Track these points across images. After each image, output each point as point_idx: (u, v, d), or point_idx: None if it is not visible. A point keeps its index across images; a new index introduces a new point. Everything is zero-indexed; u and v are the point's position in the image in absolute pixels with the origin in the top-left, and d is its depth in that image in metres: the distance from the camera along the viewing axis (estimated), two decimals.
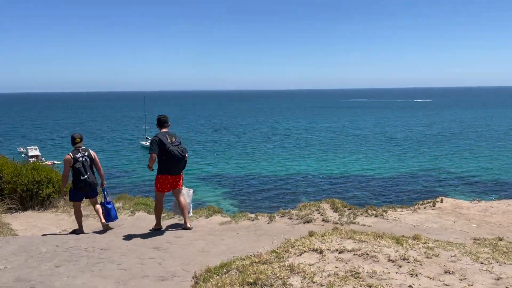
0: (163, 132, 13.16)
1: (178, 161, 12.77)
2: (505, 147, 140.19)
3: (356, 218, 14.75)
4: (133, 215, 16.59)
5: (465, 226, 15.22)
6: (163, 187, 13.13)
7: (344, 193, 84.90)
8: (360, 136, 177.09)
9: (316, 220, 14.64)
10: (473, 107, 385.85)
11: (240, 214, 16.50)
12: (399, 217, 15.09)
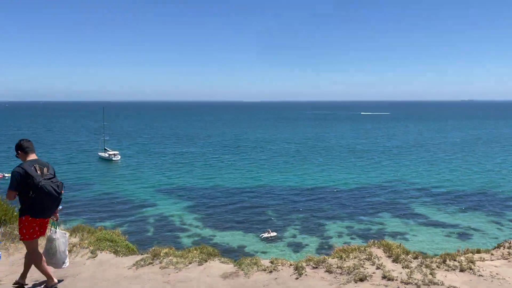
0: (30, 161, 9.44)
1: (51, 200, 9.41)
2: (462, 159, 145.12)
3: (436, 275, 9.93)
4: (94, 257, 12.07)
5: None
6: (31, 233, 9.40)
7: (310, 205, 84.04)
8: (325, 148, 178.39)
9: (372, 276, 9.87)
10: (431, 119, 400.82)
11: (249, 261, 12.08)
12: (497, 271, 10.26)
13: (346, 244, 49.58)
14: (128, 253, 12.71)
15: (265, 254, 58.78)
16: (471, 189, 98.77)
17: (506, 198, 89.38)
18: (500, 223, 72.47)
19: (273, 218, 75.79)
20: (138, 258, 11.76)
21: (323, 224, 72.61)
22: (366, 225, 72.02)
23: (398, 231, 68.58)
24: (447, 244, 62.41)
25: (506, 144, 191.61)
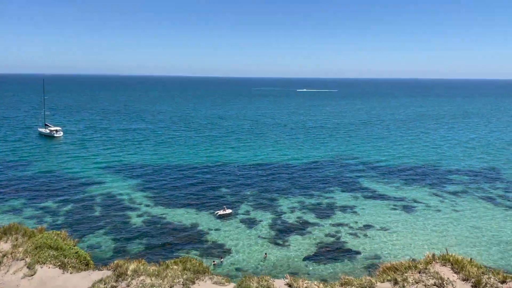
0: None
1: None
2: (407, 135, 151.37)
3: None
4: (33, 275, 8.85)
5: None
6: None
7: (263, 181, 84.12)
8: (277, 125, 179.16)
9: None
10: (379, 97, 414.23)
11: (257, 284, 8.35)
12: None
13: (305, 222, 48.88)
14: (80, 265, 9.72)
15: (219, 232, 58.30)
16: (415, 163, 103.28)
17: (447, 172, 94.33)
18: (441, 195, 76.36)
19: (226, 195, 75.11)
20: (95, 277, 8.97)
21: (275, 199, 72.99)
22: (317, 199, 73.26)
23: (347, 205, 70.35)
24: (393, 216, 64.93)
25: (448, 120, 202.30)
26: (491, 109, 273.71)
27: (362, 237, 56.80)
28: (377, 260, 49.94)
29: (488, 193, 78.05)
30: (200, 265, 9.10)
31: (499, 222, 62.76)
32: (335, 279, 45.08)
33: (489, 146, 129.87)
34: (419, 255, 51.94)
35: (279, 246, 53.71)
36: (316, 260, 49.80)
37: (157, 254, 50.54)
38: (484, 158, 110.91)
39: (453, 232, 58.82)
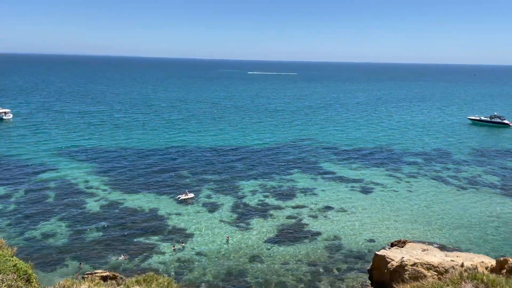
0: None
1: None
2: (364, 118, 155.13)
3: None
4: None
5: None
6: None
7: (225, 164, 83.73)
8: (238, 108, 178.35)
9: None
10: (337, 81, 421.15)
11: None
12: None
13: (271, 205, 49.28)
14: (19, 283, 7.55)
15: (180, 216, 57.61)
16: (373, 146, 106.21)
17: (402, 154, 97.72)
18: (397, 176, 79.09)
19: (187, 179, 74.22)
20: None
21: (237, 183, 72.96)
22: (278, 182, 73.89)
23: (308, 187, 71.44)
24: (352, 198, 66.61)
25: (403, 104, 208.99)
26: (446, 93, 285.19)
27: (322, 219, 57.98)
28: (337, 241, 51.27)
29: (440, 173, 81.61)
30: (169, 284, 7.70)
31: (451, 202, 65.86)
32: (297, 261, 46.05)
33: (441, 128, 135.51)
34: (377, 235, 53.83)
35: (241, 229, 53.86)
36: (277, 242, 50.37)
37: (115, 241, 49.34)
38: (437, 140, 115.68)
39: (408, 212, 61.14)
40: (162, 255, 46.48)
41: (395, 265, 34.14)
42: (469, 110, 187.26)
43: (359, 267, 44.74)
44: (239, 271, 43.60)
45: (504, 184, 75.63)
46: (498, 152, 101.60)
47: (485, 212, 61.16)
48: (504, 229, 55.16)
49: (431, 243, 48.02)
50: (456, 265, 30.51)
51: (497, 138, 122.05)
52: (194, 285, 40.58)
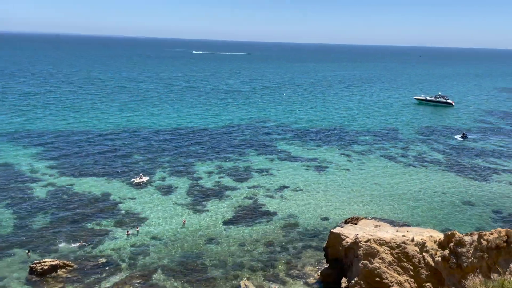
0: None
1: None
2: (319, 98, 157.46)
3: None
4: None
5: None
6: None
7: (179, 146, 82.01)
8: (192, 88, 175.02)
9: None
10: (292, 61, 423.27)
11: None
12: None
13: (217, 182, 49.04)
14: None
15: (134, 200, 56.01)
16: (326, 125, 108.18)
17: (354, 133, 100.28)
18: (349, 155, 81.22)
19: (140, 162, 72.19)
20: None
21: (192, 164, 71.92)
22: (234, 163, 73.61)
23: (263, 167, 71.74)
24: (307, 177, 67.68)
25: (355, 84, 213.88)
26: (394, 74, 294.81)
27: (278, 198, 58.54)
28: (293, 220, 52.03)
29: (389, 152, 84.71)
30: None
31: (400, 179, 68.58)
32: (254, 241, 46.29)
33: (390, 108, 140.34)
34: (331, 213, 55.16)
35: (197, 212, 53.27)
36: (235, 223, 50.33)
37: (65, 228, 47.21)
38: (386, 119, 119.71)
39: (360, 190, 63.02)
40: (115, 241, 45.10)
41: (349, 242, 35.09)
42: (415, 90, 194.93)
43: (314, 245, 45.72)
44: (196, 253, 43.21)
45: (448, 160, 79.73)
46: (442, 130, 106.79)
47: (431, 188, 64.27)
48: (449, 203, 58.29)
49: (383, 219, 49.90)
50: (407, 240, 31.86)
51: (441, 117, 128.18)
52: (149, 270, 39.78)
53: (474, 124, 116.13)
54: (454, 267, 28.05)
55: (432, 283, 30.73)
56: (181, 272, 39.72)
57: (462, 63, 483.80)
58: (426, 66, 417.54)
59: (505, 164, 78.28)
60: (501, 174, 72.10)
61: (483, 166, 76.39)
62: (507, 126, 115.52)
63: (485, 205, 57.94)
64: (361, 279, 33.19)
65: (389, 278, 32.06)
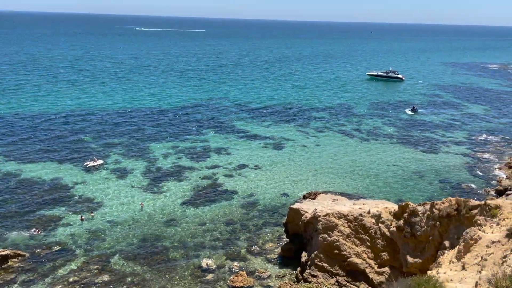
0: None
1: None
2: (275, 76, 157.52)
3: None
4: None
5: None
6: None
7: (133, 127, 79.48)
8: (146, 67, 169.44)
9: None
10: (246, 38, 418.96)
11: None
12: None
13: (175, 164, 48.11)
14: None
15: (88, 185, 53.94)
16: (283, 103, 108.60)
17: (310, 110, 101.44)
18: (306, 132, 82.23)
19: (93, 145, 69.44)
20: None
21: (147, 146, 70.12)
22: (191, 143, 72.51)
23: (222, 147, 71.20)
24: (265, 155, 67.93)
25: (310, 61, 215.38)
26: (347, 51, 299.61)
27: (238, 177, 58.45)
28: (253, 198, 52.22)
29: (344, 127, 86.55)
30: None
31: (355, 153, 70.39)
32: (214, 221, 46.10)
33: (344, 84, 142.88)
34: (290, 189, 55.79)
35: (155, 194, 52.20)
36: (194, 204, 49.82)
37: (14, 216, 44.79)
38: (341, 95, 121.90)
39: (317, 165, 64.12)
40: (70, 227, 43.41)
41: (308, 217, 35.68)
42: (368, 66, 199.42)
43: (274, 221, 46.23)
44: (155, 236, 42.47)
45: (399, 133, 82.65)
46: (393, 105, 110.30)
47: (385, 161, 66.49)
48: (401, 175, 60.64)
49: (340, 193, 51.16)
50: (364, 212, 32.80)
51: (392, 91, 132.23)
52: (107, 256, 38.71)
53: (423, 98, 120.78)
54: (408, 236, 29.21)
55: (388, 252, 31.94)
56: (140, 256, 38.97)
57: (411, 39, 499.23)
58: (377, 42, 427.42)
59: (452, 135, 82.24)
60: (449, 146, 75.76)
61: (432, 138, 79.88)
62: (454, 99, 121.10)
63: (434, 176, 60.78)
64: (320, 252, 33.95)
65: (347, 250, 32.99)
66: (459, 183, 58.30)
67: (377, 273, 32.06)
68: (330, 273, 33.40)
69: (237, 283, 34.79)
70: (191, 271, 37.07)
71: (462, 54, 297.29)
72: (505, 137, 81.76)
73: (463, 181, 59.00)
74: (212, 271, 37.13)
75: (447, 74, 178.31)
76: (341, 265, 33.23)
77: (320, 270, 33.59)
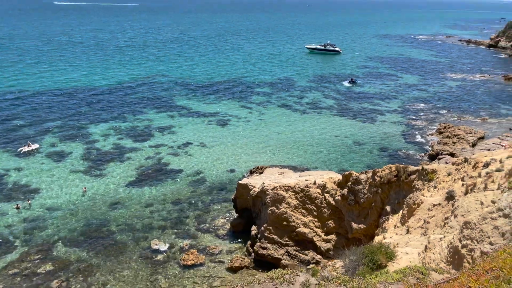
0: None
1: None
2: (214, 51, 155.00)
3: None
4: None
5: None
6: None
7: (68, 108, 75.14)
8: (77, 44, 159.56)
9: None
10: (183, 12, 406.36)
11: None
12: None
13: (115, 144, 46.37)
14: None
15: (22, 171, 50.59)
16: (225, 79, 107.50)
17: (252, 85, 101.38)
18: (250, 107, 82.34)
19: (26, 129, 64.90)
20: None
21: (85, 127, 66.79)
22: (132, 123, 70.07)
23: (164, 125, 69.52)
24: (210, 131, 67.36)
25: (250, 35, 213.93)
26: (286, 24, 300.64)
27: (183, 155, 57.56)
28: (200, 175, 51.80)
29: (287, 101, 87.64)
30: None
31: (298, 126, 71.76)
32: (161, 201, 45.30)
33: (284, 58, 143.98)
34: (236, 164, 55.98)
35: (97, 177, 50.14)
36: (139, 185, 48.55)
37: None
38: (282, 69, 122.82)
39: (263, 139, 64.69)
40: (5, 217, 40.78)
41: (257, 191, 36.10)
42: (306, 39, 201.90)
43: (223, 197, 46.33)
44: (100, 220, 41.06)
45: (339, 105, 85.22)
46: (332, 78, 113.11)
47: (326, 132, 68.48)
48: (343, 145, 62.85)
49: (286, 166, 52.15)
50: (310, 184, 33.74)
51: (330, 64, 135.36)
52: (49, 244, 36.91)
53: (360, 70, 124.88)
54: (352, 203, 30.52)
55: (334, 220, 33.26)
56: (85, 242, 37.60)
57: (346, 12, 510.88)
58: (315, 15, 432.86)
59: (387, 105, 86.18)
60: (385, 115, 79.43)
61: (370, 109, 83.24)
62: (388, 70, 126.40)
63: (374, 144, 63.67)
64: (270, 224, 34.63)
65: (296, 221, 33.93)
66: (396, 150, 61.57)
67: (324, 240, 33.38)
68: (279, 244, 34.28)
69: (189, 261, 34.75)
70: (140, 253, 36.43)
71: (394, 26, 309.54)
72: (436, 105, 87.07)
73: (400, 148, 62.39)
74: (162, 251, 36.72)
75: (381, 46, 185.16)
76: (290, 235, 34.17)
77: (270, 242, 34.35)
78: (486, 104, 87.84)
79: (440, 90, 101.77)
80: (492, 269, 5.49)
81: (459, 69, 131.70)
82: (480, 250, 9.70)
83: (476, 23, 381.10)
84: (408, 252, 12.89)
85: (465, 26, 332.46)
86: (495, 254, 6.19)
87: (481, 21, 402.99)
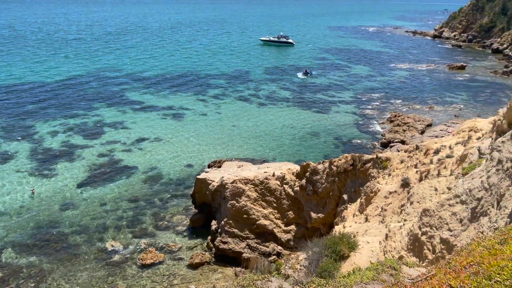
0: None
1: None
2: (169, 43, 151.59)
3: None
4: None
5: None
6: None
7: (10, 105, 70.92)
8: (21, 38, 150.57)
9: None
10: (133, 3, 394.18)
11: None
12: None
13: (66, 142, 44.51)
14: None
15: None
16: (179, 71, 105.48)
17: (207, 77, 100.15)
18: (205, 100, 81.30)
19: None
20: None
21: (31, 125, 63.25)
22: (82, 119, 67.17)
23: (116, 121, 67.19)
24: (165, 126, 65.84)
25: (204, 27, 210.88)
26: (240, 16, 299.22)
27: (137, 151, 55.88)
28: (156, 171, 50.49)
29: (242, 93, 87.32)
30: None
31: (255, 118, 71.70)
32: (116, 200, 43.74)
33: (239, 50, 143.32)
34: (194, 159, 55.08)
35: (47, 178, 47.62)
36: (92, 185, 46.59)
37: None
38: (236, 62, 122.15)
39: (219, 133, 64.06)
40: None
41: (216, 185, 35.64)
42: (260, 31, 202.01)
43: (181, 193, 45.43)
44: (51, 223, 39.07)
45: (294, 97, 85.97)
46: (287, 69, 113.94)
47: (283, 124, 68.89)
48: (299, 137, 63.47)
49: (244, 159, 51.92)
50: (269, 176, 33.72)
51: (284, 56, 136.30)
52: None
53: (313, 61, 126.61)
54: (311, 193, 30.81)
55: (293, 211, 33.49)
56: (36, 246, 35.67)
57: (298, 5, 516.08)
58: (268, 7, 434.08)
59: (341, 96, 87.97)
60: (339, 105, 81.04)
61: (324, 99, 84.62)
62: (340, 61, 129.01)
63: (328, 134, 64.79)
64: (230, 218, 34.35)
65: (256, 213, 33.85)
66: (350, 140, 62.99)
67: (284, 231, 33.57)
68: (240, 238, 34.11)
69: (147, 260, 33.84)
70: (96, 254, 35.04)
71: (345, 17, 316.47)
72: (386, 94, 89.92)
73: (354, 137, 63.89)
74: (119, 252, 35.52)
75: (333, 38, 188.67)
76: (250, 228, 34.07)
77: (230, 236, 34.09)
78: (432, 93, 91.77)
79: (390, 80, 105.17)
80: (469, 264, 5.50)
81: (407, 59, 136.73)
82: (439, 236, 9.97)
83: (422, 14, 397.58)
84: (369, 241, 13.08)
85: (412, 18, 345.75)
86: (470, 247, 6.24)
87: (426, 13, 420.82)
